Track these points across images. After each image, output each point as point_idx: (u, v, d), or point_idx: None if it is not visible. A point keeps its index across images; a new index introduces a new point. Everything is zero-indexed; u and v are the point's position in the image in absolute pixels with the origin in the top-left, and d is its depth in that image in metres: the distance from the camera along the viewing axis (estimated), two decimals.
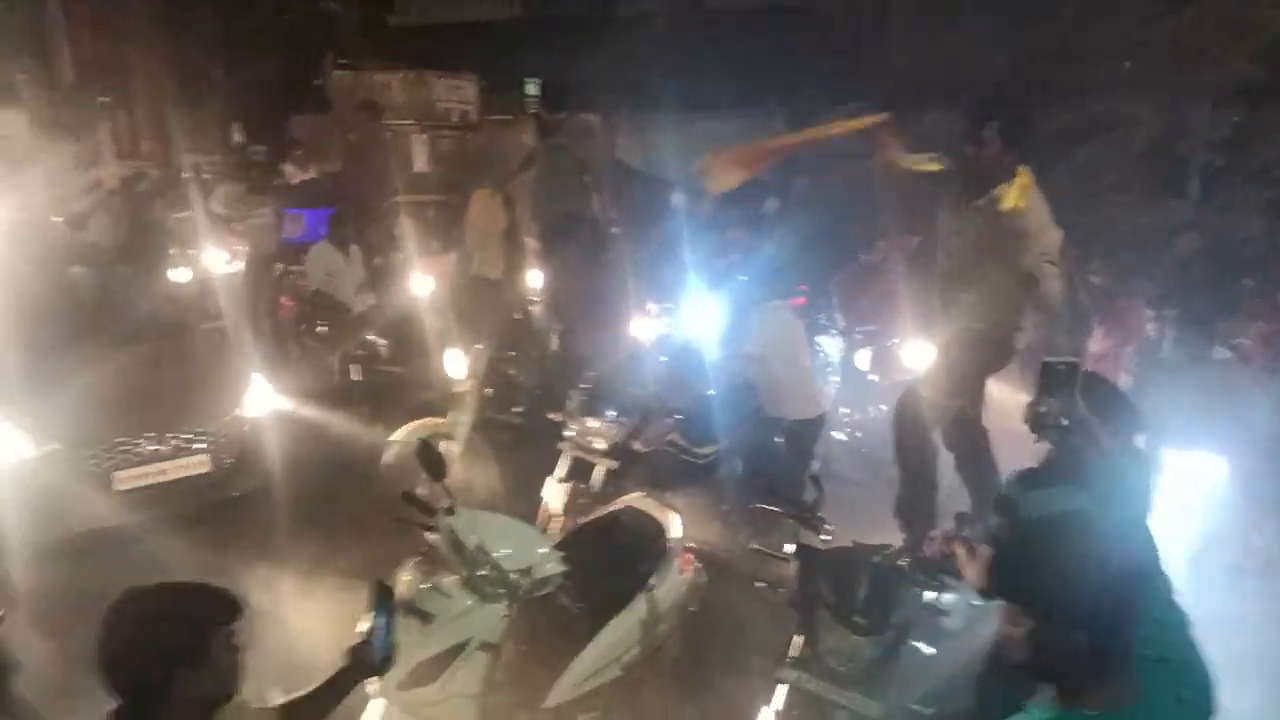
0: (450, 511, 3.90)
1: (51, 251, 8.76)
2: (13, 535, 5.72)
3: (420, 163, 11.89)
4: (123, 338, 6.88)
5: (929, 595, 3.67)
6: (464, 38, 13.91)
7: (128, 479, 6.22)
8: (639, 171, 9.81)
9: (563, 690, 4.15)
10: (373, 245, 8.76)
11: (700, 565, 4.85)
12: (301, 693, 2.63)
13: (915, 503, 5.56)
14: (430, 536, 3.99)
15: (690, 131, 11.34)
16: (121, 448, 6.19)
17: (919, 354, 5.95)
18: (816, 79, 11.02)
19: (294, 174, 11.18)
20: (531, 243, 8.36)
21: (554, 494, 5.53)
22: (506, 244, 8.95)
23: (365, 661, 2.72)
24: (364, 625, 2.74)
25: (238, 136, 13.07)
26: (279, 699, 2.59)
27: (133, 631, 2.13)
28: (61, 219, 10.57)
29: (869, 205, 7.98)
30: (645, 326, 7.33)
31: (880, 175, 5.46)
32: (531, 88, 10.92)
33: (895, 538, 5.19)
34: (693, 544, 4.86)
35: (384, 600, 2.81)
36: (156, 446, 6.30)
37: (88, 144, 12.77)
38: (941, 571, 3.56)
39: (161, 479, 6.34)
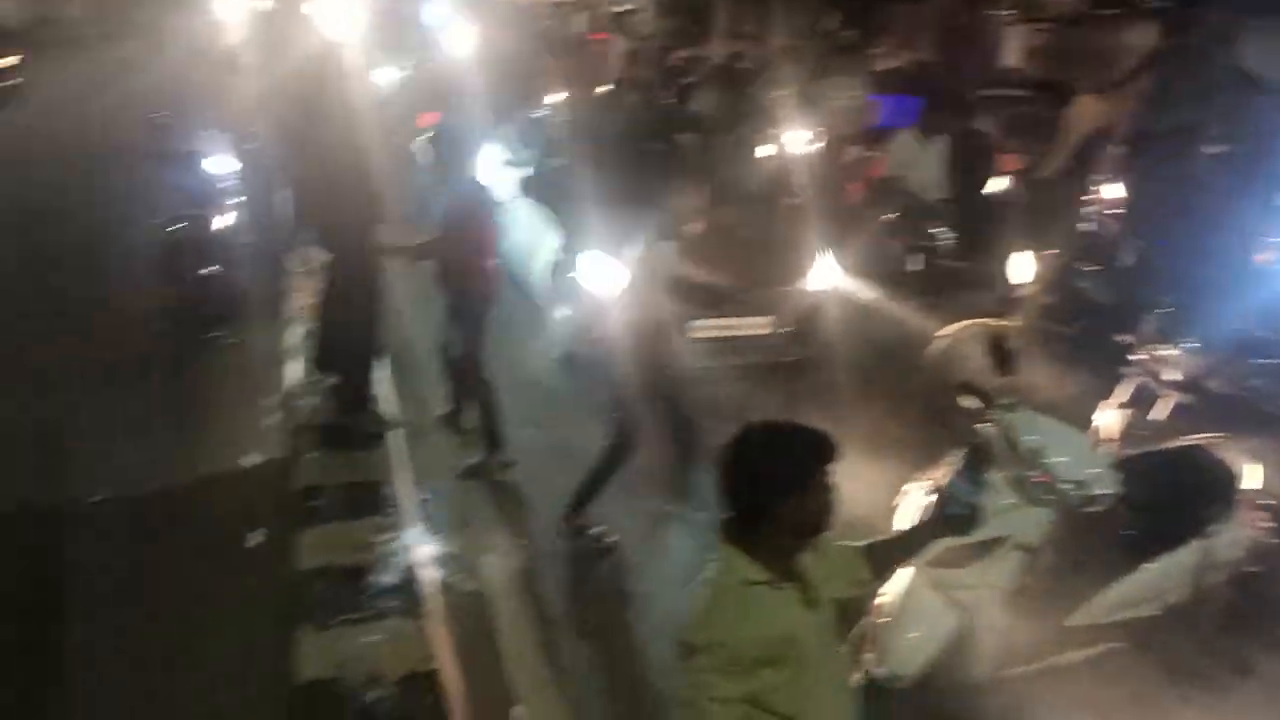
0: (1011, 408, 3.90)
1: (663, 119, 9.82)
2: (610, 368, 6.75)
3: (1013, 56, 11.35)
4: (716, 200, 7.56)
5: None
6: None
7: (702, 327, 6.93)
8: (1270, 84, 8.50)
9: (1092, 612, 4.04)
10: (955, 138, 8.63)
11: (1274, 526, 4.36)
12: (880, 538, 2.80)
13: None
14: (982, 429, 4.02)
15: None
16: None
17: None
18: None
19: (882, 60, 11.29)
20: (1117, 150, 7.72)
21: (1110, 419, 5.22)
22: (1092, 150, 8.35)
23: (947, 519, 2.76)
24: (949, 484, 2.79)
25: (830, 21, 13.40)
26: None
27: (750, 458, 2.41)
28: (670, 91, 11.76)
29: None
30: (1259, 258, 6.50)
31: None
32: None
33: None
34: (1270, 501, 4.37)
35: (973, 463, 2.84)
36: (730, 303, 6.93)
37: (700, 21, 13.97)
38: None
39: (728, 333, 7.00)
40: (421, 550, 4.65)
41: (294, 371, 6.63)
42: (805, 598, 2.44)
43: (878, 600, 3.91)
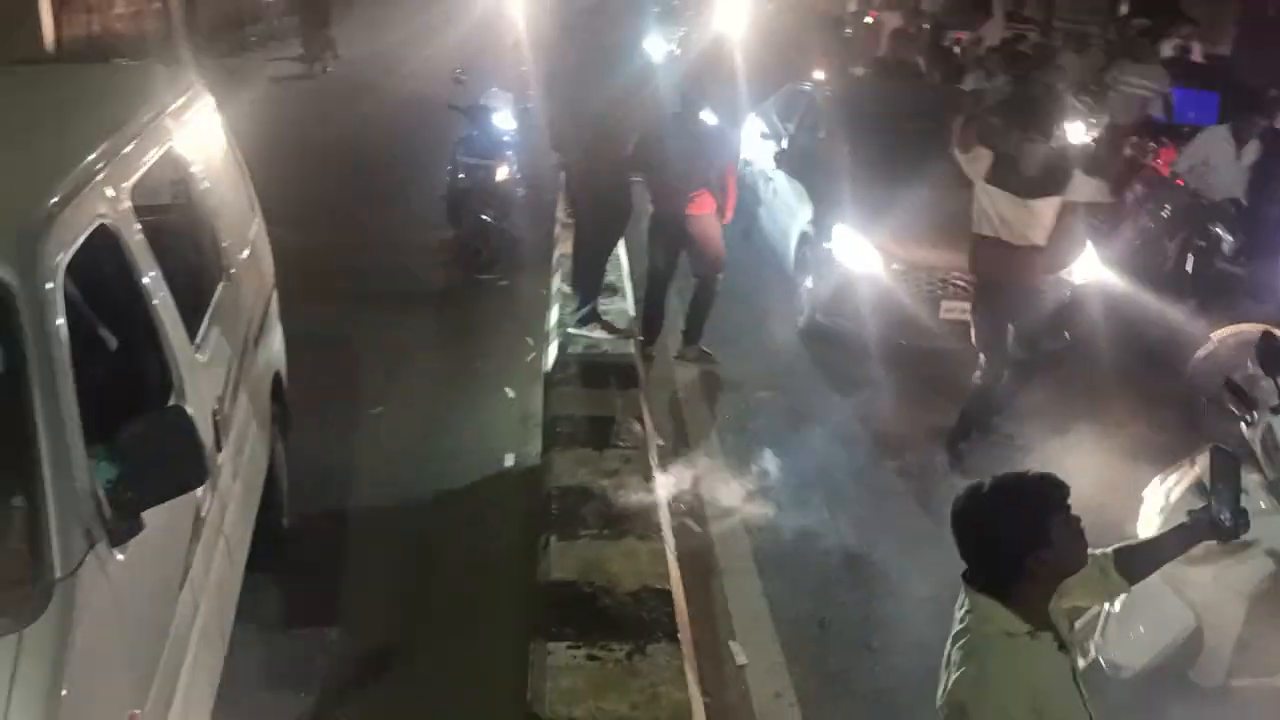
0: (1277, 410, 3.75)
1: (929, 100, 9.65)
2: (859, 332, 6.90)
3: None
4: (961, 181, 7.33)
5: None
6: None
7: (951, 310, 6.87)
8: None
9: None
10: (1264, 138, 7.96)
11: None
12: (1134, 541, 2.72)
13: None
14: (1245, 431, 3.89)
15: None
16: (953, 280, 6.81)
17: None
18: None
19: (1175, 51, 10.61)
20: None
21: None
22: None
23: (1207, 524, 2.62)
24: (1213, 488, 2.66)
25: (1125, 7, 12.71)
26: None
27: (984, 522, 2.34)
28: (939, 72, 11.51)
29: None
30: None
31: None
32: None
33: None
34: None
35: (1225, 467, 2.67)
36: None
37: (980, 2, 13.56)
38: None
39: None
40: (661, 483, 4.97)
41: (553, 315, 7.13)
42: (1060, 641, 2.37)
43: None
